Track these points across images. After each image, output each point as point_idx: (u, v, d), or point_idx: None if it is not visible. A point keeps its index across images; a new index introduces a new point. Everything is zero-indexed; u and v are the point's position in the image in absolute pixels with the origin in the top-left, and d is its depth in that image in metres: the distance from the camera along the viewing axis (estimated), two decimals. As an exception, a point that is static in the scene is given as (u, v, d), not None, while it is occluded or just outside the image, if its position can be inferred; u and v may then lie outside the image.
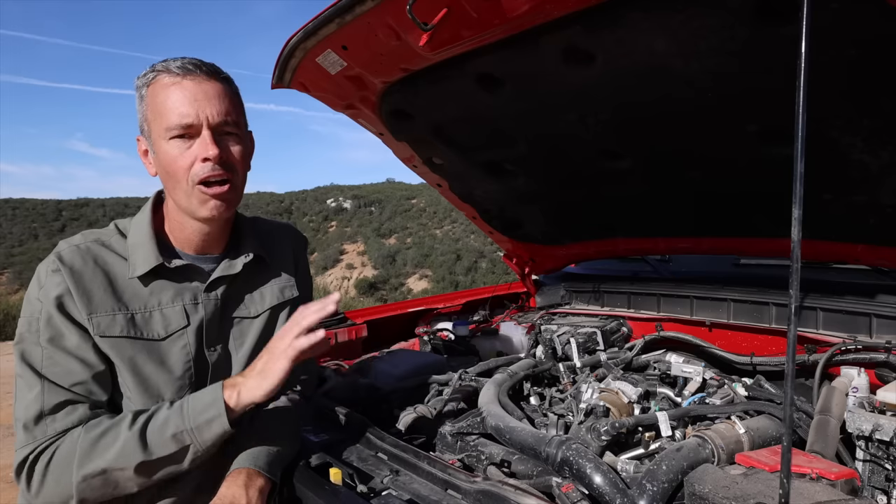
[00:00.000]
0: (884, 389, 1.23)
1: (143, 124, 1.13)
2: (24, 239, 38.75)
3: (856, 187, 1.48)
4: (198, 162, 1.08)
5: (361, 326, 2.31)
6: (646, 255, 2.52)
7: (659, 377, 1.71)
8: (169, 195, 1.16)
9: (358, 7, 1.35)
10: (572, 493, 1.02)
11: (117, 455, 1.00)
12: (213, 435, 1.04)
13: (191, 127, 1.08)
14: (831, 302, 1.68)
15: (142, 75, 1.12)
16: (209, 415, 1.04)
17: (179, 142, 1.08)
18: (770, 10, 1.10)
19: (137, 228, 1.16)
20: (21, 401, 1.03)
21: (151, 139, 1.12)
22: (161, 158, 1.10)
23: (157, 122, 1.09)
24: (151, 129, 1.11)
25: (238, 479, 1.07)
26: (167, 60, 1.11)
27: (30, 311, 1.06)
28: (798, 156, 0.72)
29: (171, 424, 1.03)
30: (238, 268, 1.21)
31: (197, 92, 1.08)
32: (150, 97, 1.10)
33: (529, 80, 1.54)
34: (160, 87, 1.09)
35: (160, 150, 1.10)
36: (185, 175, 1.09)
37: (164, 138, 1.08)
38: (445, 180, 2.26)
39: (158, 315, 1.13)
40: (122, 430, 1.02)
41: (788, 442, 0.75)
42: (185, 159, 1.09)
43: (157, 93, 1.09)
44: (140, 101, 1.12)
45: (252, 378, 1.07)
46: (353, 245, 37.20)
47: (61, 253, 1.08)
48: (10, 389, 5.55)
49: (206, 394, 1.07)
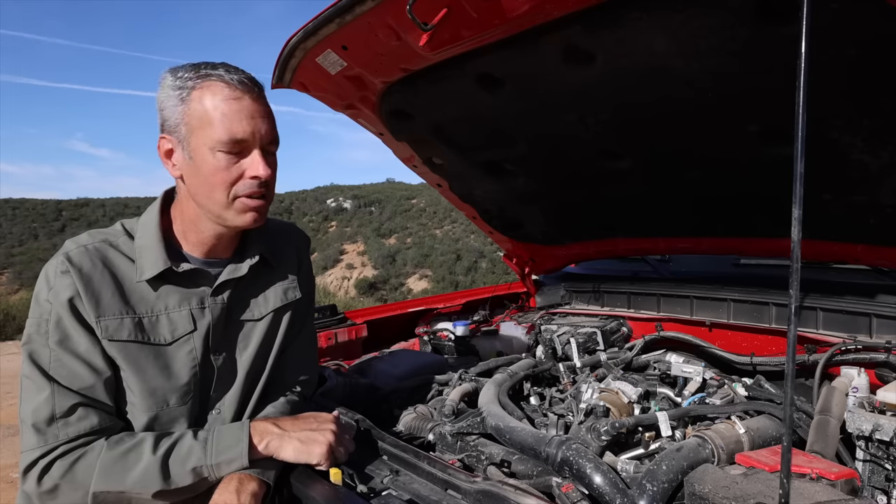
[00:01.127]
0: (884, 389, 1.23)
1: (180, 126, 1.07)
2: (24, 239, 38.73)
3: (856, 187, 1.48)
4: (245, 178, 1.09)
5: (361, 326, 2.31)
6: (646, 255, 2.52)
7: (659, 377, 1.71)
8: (193, 199, 1.13)
9: (358, 7, 1.35)
10: (572, 493, 1.02)
11: (138, 479, 1.01)
12: (229, 471, 1.07)
13: (244, 143, 1.08)
14: (831, 302, 1.68)
15: (184, 74, 1.07)
16: (231, 455, 1.07)
17: (227, 155, 1.07)
18: (770, 10, 1.10)
19: (145, 230, 1.14)
20: (29, 402, 1.02)
21: (189, 144, 1.08)
22: (200, 167, 1.08)
23: (204, 130, 1.06)
24: (192, 134, 1.07)
25: (230, 484, 1.06)
26: (214, 66, 1.08)
27: (39, 313, 1.05)
28: (798, 156, 0.72)
29: (194, 458, 1.05)
30: (244, 270, 1.21)
31: (253, 110, 1.08)
32: (198, 102, 1.06)
33: (529, 80, 1.54)
34: (214, 95, 1.06)
35: (201, 159, 1.07)
36: (227, 188, 1.09)
37: (210, 148, 1.06)
38: (445, 180, 2.26)
39: (165, 319, 1.12)
40: (145, 453, 1.02)
41: (788, 442, 0.75)
42: (231, 173, 1.08)
43: (209, 100, 1.05)
44: (180, 101, 1.06)
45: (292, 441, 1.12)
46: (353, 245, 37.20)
47: (70, 254, 1.07)
48: (10, 389, 5.54)
49: (232, 432, 1.10)
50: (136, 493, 1.02)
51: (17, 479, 3.61)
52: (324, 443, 1.13)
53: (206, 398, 1.18)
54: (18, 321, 9.05)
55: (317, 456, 1.12)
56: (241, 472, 1.08)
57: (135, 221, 1.18)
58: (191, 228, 1.17)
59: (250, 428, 1.11)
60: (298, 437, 1.13)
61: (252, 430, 1.10)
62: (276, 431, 1.12)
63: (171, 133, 1.10)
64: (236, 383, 1.21)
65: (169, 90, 1.08)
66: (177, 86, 1.07)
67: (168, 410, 1.11)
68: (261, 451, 1.10)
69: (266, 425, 1.13)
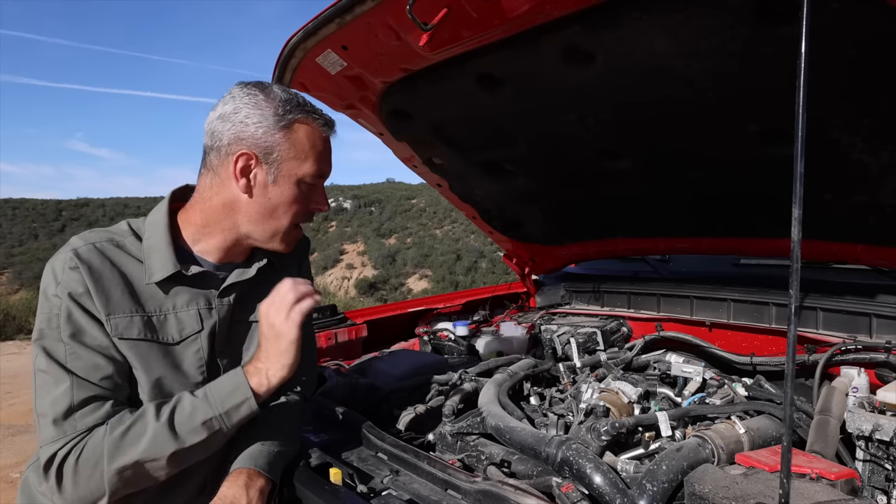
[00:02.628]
0: (884, 389, 1.23)
1: (274, 151, 1.11)
2: (24, 239, 38.71)
3: (856, 187, 1.48)
4: (309, 209, 1.19)
5: (361, 326, 2.31)
6: (646, 255, 2.52)
7: (659, 377, 1.71)
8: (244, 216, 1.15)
9: (358, 7, 1.35)
10: (572, 493, 1.02)
11: (149, 446, 1.01)
12: (242, 417, 1.08)
13: (322, 178, 1.19)
14: (831, 302, 1.68)
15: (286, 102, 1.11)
16: (237, 399, 1.07)
17: (307, 187, 1.16)
18: (770, 10, 1.10)
19: (153, 231, 1.14)
20: (47, 396, 1.02)
21: (277, 171, 1.12)
22: (282, 192, 1.14)
23: (296, 161, 1.13)
24: (283, 162, 1.12)
25: (238, 479, 1.07)
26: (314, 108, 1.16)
27: (48, 308, 1.04)
28: (798, 156, 0.72)
29: (200, 413, 1.05)
30: (252, 273, 1.22)
31: (330, 152, 1.19)
32: (298, 134, 1.12)
33: (529, 80, 1.54)
34: (314, 133, 1.15)
35: (285, 185, 1.13)
36: (290, 218, 1.17)
37: (294, 178, 1.13)
38: (445, 180, 2.26)
39: (173, 318, 1.13)
40: (149, 422, 1.03)
41: (788, 442, 0.75)
42: (304, 205, 1.18)
43: (308, 136, 1.14)
44: (280, 128, 1.10)
45: (273, 359, 1.11)
46: (353, 245, 37.19)
47: (78, 250, 1.06)
48: (10, 390, 5.55)
49: (227, 380, 1.10)
50: (151, 460, 1.02)
51: (17, 480, 3.62)
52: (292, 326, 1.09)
53: None
54: (18, 321, 9.05)
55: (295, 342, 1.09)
56: (250, 468, 1.09)
57: (141, 221, 1.17)
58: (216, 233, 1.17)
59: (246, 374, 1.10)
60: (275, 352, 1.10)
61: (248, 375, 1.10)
62: (261, 365, 1.11)
63: (260, 154, 1.11)
64: None
65: (265, 110, 1.10)
66: (278, 112, 1.11)
67: None
68: (264, 390, 1.10)
69: (253, 366, 1.12)
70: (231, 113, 1.10)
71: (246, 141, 1.10)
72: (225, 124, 1.10)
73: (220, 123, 1.11)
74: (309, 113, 1.14)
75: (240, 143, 1.10)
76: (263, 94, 1.11)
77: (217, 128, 1.11)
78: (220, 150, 1.12)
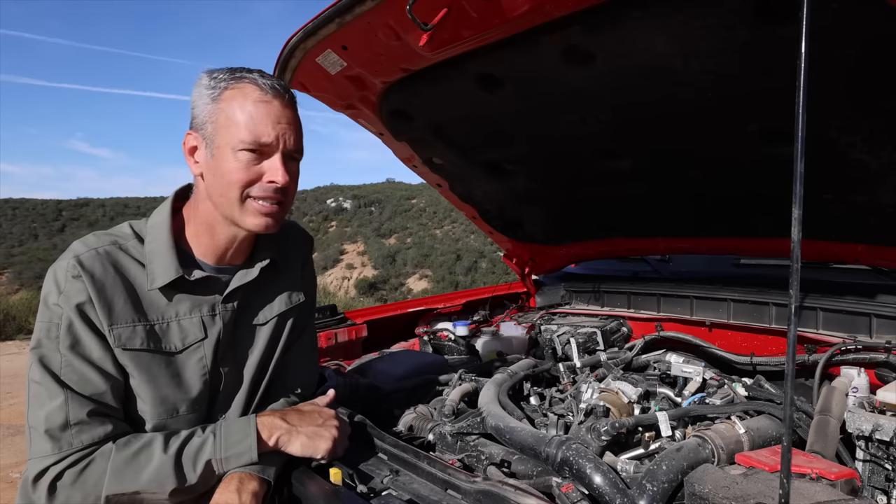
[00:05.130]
0: (884, 389, 1.23)
1: (207, 124, 1.09)
2: (24, 239, 38.66)
3: (856, 187, 1.48)
4: (263, 181, 1.10)
5: (361, 326, 2.31)
6: (646, 255, 2.52)
7: (659, 377, 1.71)
8: (209, 199, 1.12)
9: (358, 7, 1.35)
10: (572, 493, 1.02)
11: (152, 479, 1.01)
12: (237, 464, 1.08)
13: (267, 146, 1.08)
14: (831, 302, 1.68)
15: (219, 76, 1.09)
16: (240, 449, 1.08)
17: (248, 155, 1.08)
18: (770, 10, 1.10)
19: (155, 233, 1.12)
20: (40, 408, 1.00)
21: (214, 143, 1.08)
22: (220, 165, 1.08)
23: (229, 129, 1.07)
24: (218, 133, 1.08)
25: (230, 484, 1.06)
26: (250, 71, 1.11)
27: (48, 317, 1.03)
28: (798, 156, 0.72)
29: (205, 453, 1.05)
30: (255, 273, 1.20)
31: (280, 116, 1.09)
32: (228, 102, 1.07)
33: (529, 80, 1.54)
34: (244, 97, 1.07)
35: (222, 157, 1.08)
36: (242, 187, 1.09)
37: (232, 147, 1.07)
38: (445, 180, 2.26)
39: (176, 326, 1.11)
40: (156, 452, 1.02)
41: (788, 442, 0.75)
42: (248, 174, 1.08)
43: (238, 101, 1.07)
44: (211, 100, 1.08)
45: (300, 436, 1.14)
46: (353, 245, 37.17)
47: (81, 258, 1.04)
48: (10, 390, 5.55)
49: (239, 426, 1.10)
50: (150, 494, 1.01)
51: (16, 480, 3.62)
52: (329, 438, 1.15)
53: (212, 404, 1.17)
54: (18, 321, 9.04)
55: (322, 451, 1.14)
56: (242, 470, 1.07)
57: (143, 223, 1.15)
58: (204, 231, 1.15)
59: (257, 423, 1.11)
60: (305, 433, 1.14)
61: (259, 424, 1.11)
62: (284, 426, 1.13)
63: (198, 130, 1.10)
64: (242, 388, 1.21)
65: (202, 89, 1.09)
66: (210, 85, 1.08)
67: (177, 418, 1.11)
68: (269, 444, 1.10)
69: (273, 420, 1.13)
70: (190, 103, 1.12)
71: (192, 123, 1.11)
72: None
73: None
74: (239, 79, 1.09)
75: (190, 127, 1.12)
76: (206, 74, 1.11)
77: None
78: None
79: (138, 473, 1.01)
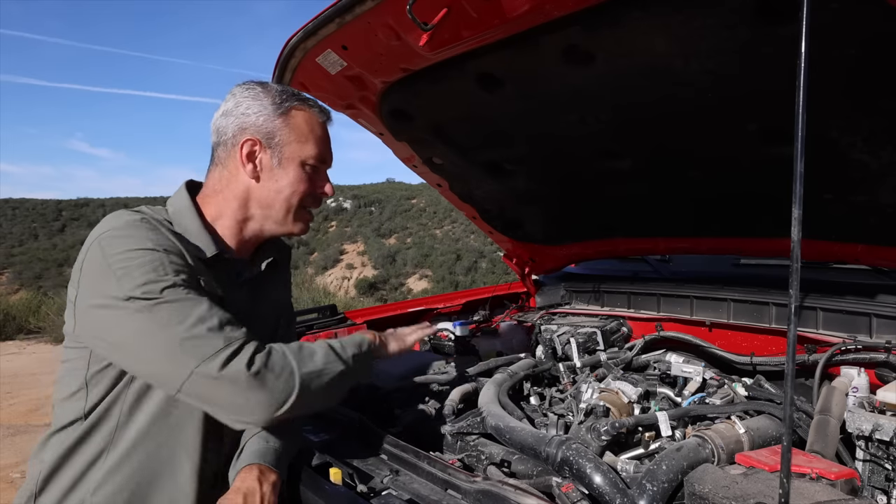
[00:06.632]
0: (884, 389, 1.23)
1: (276, 136, 1.17)
2: (24, 239, 38.65)
3: (856, 187, 1.48)
4: (317, 192, 1.25)
5: (361, 326, 2.31)
6: (646, 255, 2.52)
7: (659, 377, 1.71)
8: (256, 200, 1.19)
9: (358, 7, 1.35)
10: (572, 493, 1.02)
11: (325, 361, 1.10)
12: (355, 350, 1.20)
13: (324, 163, 1.25)
14: (831, 302, 1.68)
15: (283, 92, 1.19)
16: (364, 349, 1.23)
17: (310, 170, 1.21)
18: (770, 10, 1.10)
19: (183, 218, 1.14)
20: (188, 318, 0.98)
21: (280, 154, 1.17)
22: (286, 174, 1.19)
23: (298, 144, 1.18)
24: (285, 146, 1.17)
25: (252, 472, 1.08)
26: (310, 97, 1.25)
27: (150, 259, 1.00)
28: (798, 156, 0.72)
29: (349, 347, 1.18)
30: (262, 268, 1.27)
31: (329, 139, 1.26)
32: (297, 119, 1.19)
33: (529, 80, 1.54)
34: (311, 118, 1.21)
35: (289, 167, 1.19)
36: (298, 197, 1.21)
37: (298, 161, 1.19)
38: (445, 180, 2.26)
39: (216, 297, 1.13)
40: (314, 345, 1.13)
41: (788, 442, 0.75)
42: (308, 186, 1.22)
43: (307, 121, 1.20)
44: (277, 115, 1.16)
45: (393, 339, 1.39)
46: (353, 245, 37.16)
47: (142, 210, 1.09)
48: (10, 389, 5.55)
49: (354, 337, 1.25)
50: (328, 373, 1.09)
51: (16, 480, 3.61)
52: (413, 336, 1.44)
53: None
54: (18, 321, 9.03)
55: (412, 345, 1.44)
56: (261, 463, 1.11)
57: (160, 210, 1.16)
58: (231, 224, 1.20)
59: None
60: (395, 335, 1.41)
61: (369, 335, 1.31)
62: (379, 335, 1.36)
63: (264, 140, 1.17)
64: None
65: (265, 101, 1.17)
66: (275, 101, 1.17)
67: None
68: None
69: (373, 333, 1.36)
70: (233, 108, 1.17)
71: (249, 129, 1.16)
72: (228, 119, 1.17)
73: (224, 119, 1.18)
74: (304, 101, 1.22)
75: (243, 132, 1.17)
76: (261, 88, 1.19)
77: (221, 124, 1.18)
78: (226, 144, 1.18)
79: (312, 356, 1.09)
